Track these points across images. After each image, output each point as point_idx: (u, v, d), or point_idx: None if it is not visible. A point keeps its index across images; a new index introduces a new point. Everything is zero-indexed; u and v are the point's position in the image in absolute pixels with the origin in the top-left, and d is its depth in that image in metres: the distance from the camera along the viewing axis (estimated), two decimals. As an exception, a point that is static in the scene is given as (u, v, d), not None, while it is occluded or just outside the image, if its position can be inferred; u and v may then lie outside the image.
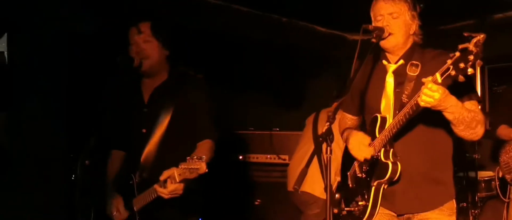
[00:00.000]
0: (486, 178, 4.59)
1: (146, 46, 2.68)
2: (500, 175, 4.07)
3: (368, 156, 2.43)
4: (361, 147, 2.46)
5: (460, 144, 2.53)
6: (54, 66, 3.75)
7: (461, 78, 1.97)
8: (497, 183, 4.14)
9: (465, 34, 1.97)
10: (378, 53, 2.55)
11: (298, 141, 4.28)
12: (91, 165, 2.77)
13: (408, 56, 2.45)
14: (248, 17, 4.75)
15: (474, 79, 5.29)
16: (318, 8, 4.76)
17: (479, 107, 2.35)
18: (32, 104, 3.64)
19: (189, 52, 3.08)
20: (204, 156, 2.31)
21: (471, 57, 1.92)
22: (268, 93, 5.18)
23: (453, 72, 1.97)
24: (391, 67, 2.49)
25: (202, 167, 2.28)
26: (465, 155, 4.65)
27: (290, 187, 4.10)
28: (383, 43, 2.45)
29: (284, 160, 4.82)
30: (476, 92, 2.39)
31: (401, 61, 2.46)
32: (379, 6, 2.45)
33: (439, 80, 2.03)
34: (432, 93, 2.05)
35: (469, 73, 1.94)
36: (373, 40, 2.37)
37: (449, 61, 1.98)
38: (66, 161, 3.68)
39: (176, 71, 2.79)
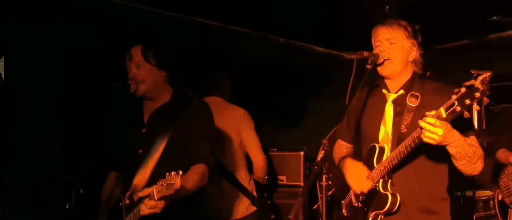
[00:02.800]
0: (484, 198, 4.56)
1: (139, 71, 2.64)
2: (500, 198, 4.06)
3: (365, 190, 2.42)
4: (360, 179, 2.44)
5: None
6: (52, 86, 3.76)
7: (466, 114, 1.97)
8: (497, 205, 4.13)
9: (472, 72, 1.97)
10: (376, 81, 2.56)
11: None
12: (87, 193, 2.74)
13: (408, 87, 2.45)
14: (247, 38, 4.79)
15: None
16: (315, 29, 4.81)
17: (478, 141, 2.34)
18: (29, 124, 3.64)
19: (188, 73, 3.08)
20: (181, 171, 2.25)
21: (478, 94, 1.92)
22: (266, 113, 5.19)
23: (458, 108, 1.96)
24: (391, 96, 2.49)
25: (177, 183, 2.22)
26: (462, 175, 4.63)
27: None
28: (380, 70, 2.46)
29: (282, 180, 4.81)
30: (474, 127, 2.39)
31: (401, 91, 2.46)
32: (378, 32, 2.48)
33: (444, 115, 2.02)
34: (435, 130, 2.05)
35: (475, 110, 1.94)
36: (368, 66, 2.39)
37: (454, 97, 1.98)
38: (61, 183, 3.66)
39: (178, 93, 2.76)
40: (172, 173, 2.24)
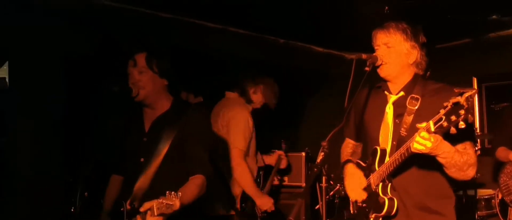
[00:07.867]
0: (486, 197, 4.57)
1: (141, 77, 2.68)
2: (500, 196, 4.08)
3: (360, 199, 2.49)
4: (357, 188, 2.50)
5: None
6: (52, 89, 3.76)
7: (453, 130, 1.99)
8: (497, 204, 4.15)
9: (456, 90, 2.00)
10: (377, 81, 2.57)
11: None
12: (91, 196, 2.74)
13: (409, 89, 2.45)
14: (246, 40, 4.80)
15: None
16: (315, 29, 4.82)
17: (474, 148, 2.35)
18: (29, 128, 3.64)
19: (187, 75, 3.09)
20: (180, 193, 2.32)
21: (462, 112, 1.94)
22: (268, 114, 5.19)
23: (445, 124, 1.99)
24: (392, 98, 2.50)
25: (176, 204, 2.29)
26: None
27: None
28: (379, 71, 2.47)
29: (284, 181, 4.82)
30: (471, 133, 2.40)
31: (402, 93, 2.47)
32: (376, 36, 2.49)
33: (433, 129, 2.04)
34: (424, 142, 2.08)
35: (460, 126, 1.96)
36: (367, 68, 2.39)
37: (442, 112, 2.00)
38: (64, 186, 3.66)
39: (178, 102, 2.81)
40: (172, 193, 2.30)
